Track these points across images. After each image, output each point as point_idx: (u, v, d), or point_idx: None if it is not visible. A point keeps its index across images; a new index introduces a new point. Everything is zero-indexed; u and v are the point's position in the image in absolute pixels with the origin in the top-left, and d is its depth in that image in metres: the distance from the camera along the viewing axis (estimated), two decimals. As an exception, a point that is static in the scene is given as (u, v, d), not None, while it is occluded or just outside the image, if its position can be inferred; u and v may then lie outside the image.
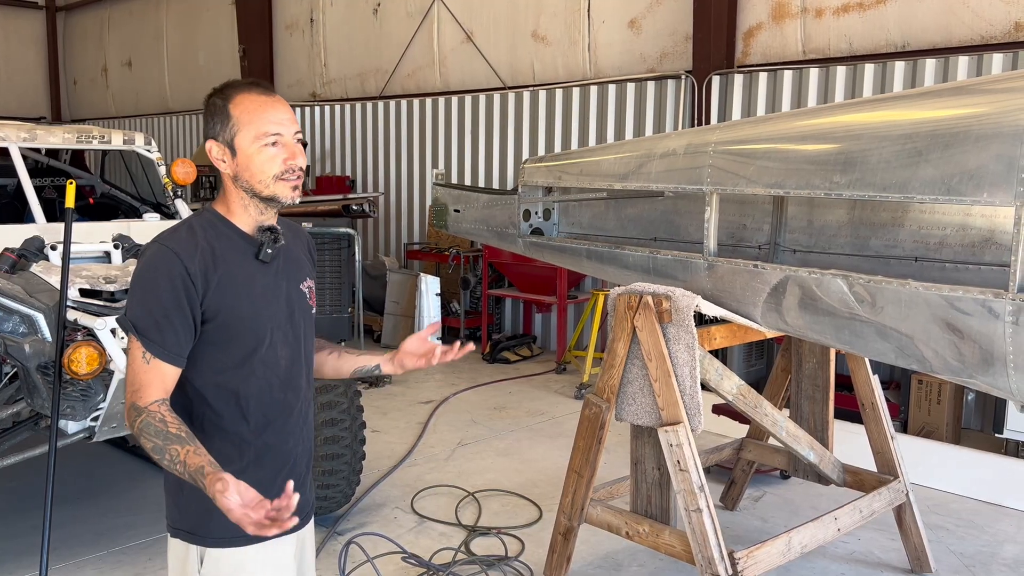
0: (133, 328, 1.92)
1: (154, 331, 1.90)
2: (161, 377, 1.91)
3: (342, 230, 7.99)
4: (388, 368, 2.27)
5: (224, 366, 1.98)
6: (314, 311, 2.19)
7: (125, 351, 3.54)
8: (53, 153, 5.89)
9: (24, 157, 4.84)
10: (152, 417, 1.87)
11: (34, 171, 5.46)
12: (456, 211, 5.04)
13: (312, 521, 2.28)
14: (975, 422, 6.28)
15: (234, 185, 2.00)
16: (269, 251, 2.01)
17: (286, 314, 2.07)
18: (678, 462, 3.25)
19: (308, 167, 11.37)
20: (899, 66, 6.54)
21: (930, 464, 5.22)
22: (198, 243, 1.95)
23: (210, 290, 1.93)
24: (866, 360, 4.07)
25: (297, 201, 2.01)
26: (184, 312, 1.91)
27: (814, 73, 7.00)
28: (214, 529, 1.99)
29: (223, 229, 2.01)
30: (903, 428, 5.94)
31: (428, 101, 10.12)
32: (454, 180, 9.75)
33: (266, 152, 1.95)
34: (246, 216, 2.03)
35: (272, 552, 2.07)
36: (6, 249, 4.04)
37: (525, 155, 9.05)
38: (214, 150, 1.99)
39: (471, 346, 2.28)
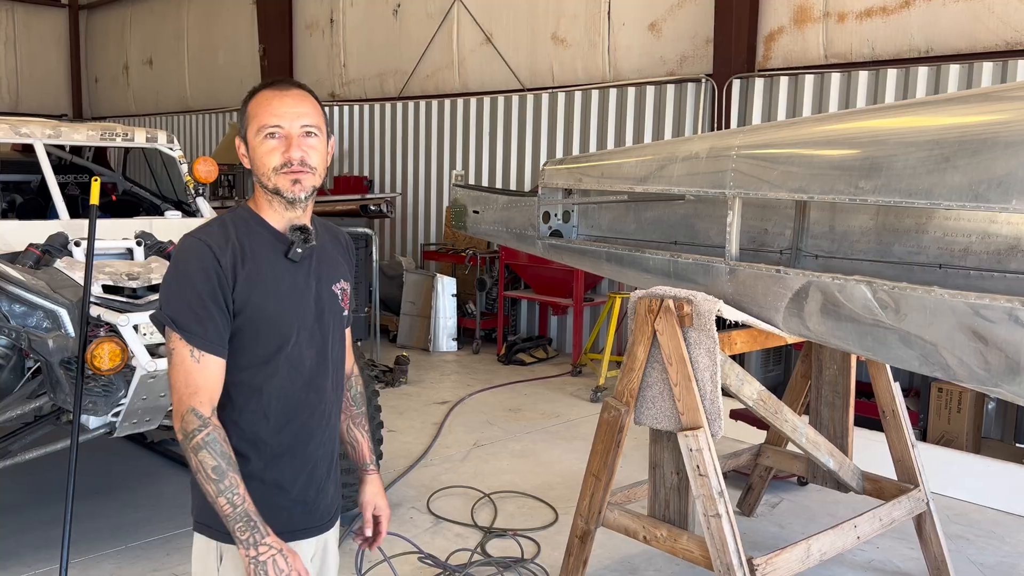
0: (173, 324, 1.91)
1: (196, 324, 1.89)
2: (213, 376, 1.92)
3: (360, 230, 8.03)
4: (362, 488, 2.30)
5: (248, 363, 1.97)
6: (346, 313, 2.16)
7: (149, 348, 3.58)
8: (76, 150, 5.95)
9: (48, 154, 4.89)
10: (219, 433, 1.88)
11: (57, 168, 5.51)
12: (475, 212, 5.04)
13: (337, 525, 2.25)
14: (995, 431, 6.22)
15: (255, 181, 2.02)
16: (299, 250, 1.99)
17: (314, 314, 2.05)
18: (697, 467, 3.23)
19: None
20: (922, 72, 6.49)
21: (950, 473, 5.17)
22: (229, 237, 1.96)
23: (238, 284, 1.93)
24: (887, 367, 4.04)
25: (302, 196, 1.97)
26: (220, 303, 1.91)
27: (836, 78, 6.96)
28: None
29: (255, 226, 2.01)
30: (922, 436, 5.88)
31: (447, 102, 10.13)
32: (472, 181, 9.76)
33: (266, 144, 1.94)
34: (274, 213, 2.02)
35: None
36: (30, 245, 4.08)
37: (544, 157, 9.05)
38: (240, 147, 2.03)
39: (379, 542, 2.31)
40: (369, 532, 2.29)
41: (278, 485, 2.03)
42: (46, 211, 5.55)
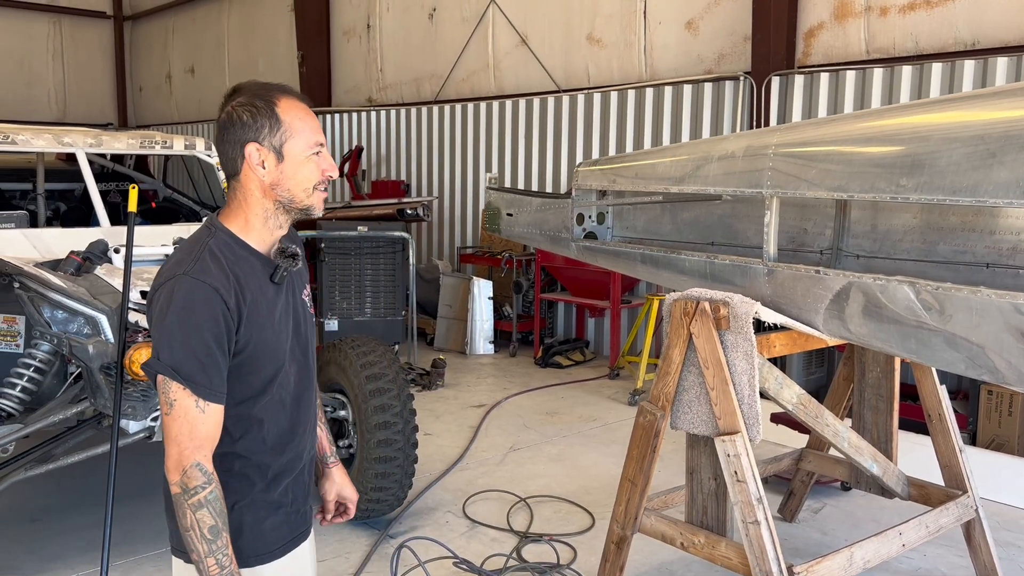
0: (177, 375, 1.80)
1: (201, 374, 1.81)
2: (216, 424, 1.86)
3: (397, 234, 8.07)
4: (325, 480, 2.33)
5: (245, 395, 1.93)
6: (315, 319, 2.16)
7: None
8: (118, 158, 6.06)
9: (90, 162, 4.98)
10: (219, 490, 1.85)
11: (99, 176, 5.62)
12: (509, 215, 5.02)
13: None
14: (1048, 435, 6.02)
15: (262, 195, 1.91)
16: (285, 274, 1.96)
17: (292, 329, 2.02)
18: (735, 473, 3.17)
19: (364, 171, 11.55)
20: (968, 65, 6.32)
21: (1000, 478, 5.01)
22: (227, 272, 1.86)
23: (242, 323, 1.87)
24: (933, 369, 3.93)
25: (321, 213, 2.01)
26: (224, 347, 1.85)
27: (878, 73, 6.81)
28: None
29: (240, 251, 1.92)
30: (972, 440, 5.72)
31: (482, 105, 10.14)
32: (508, 184, 9.75)
33: (313, 160, 1.92)
34: (264, 231, 1.95)
35: (290, 565, 2.06)
36: (72, 252, 4.15)
37: (579, 159, 9.01)
38: (255, 155, 1.88)
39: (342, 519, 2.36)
40: (329, 517, 2.33)
41: (278, 503, 2.03)
42: (89, 219, 5.66)
